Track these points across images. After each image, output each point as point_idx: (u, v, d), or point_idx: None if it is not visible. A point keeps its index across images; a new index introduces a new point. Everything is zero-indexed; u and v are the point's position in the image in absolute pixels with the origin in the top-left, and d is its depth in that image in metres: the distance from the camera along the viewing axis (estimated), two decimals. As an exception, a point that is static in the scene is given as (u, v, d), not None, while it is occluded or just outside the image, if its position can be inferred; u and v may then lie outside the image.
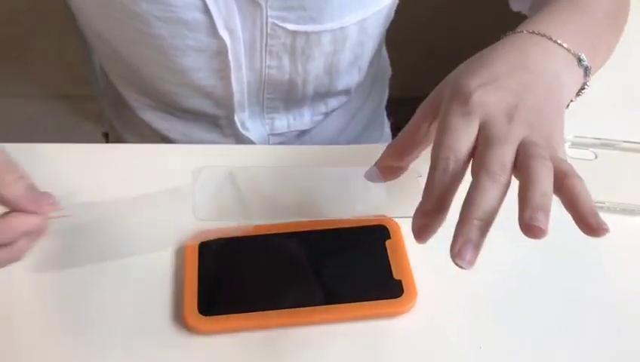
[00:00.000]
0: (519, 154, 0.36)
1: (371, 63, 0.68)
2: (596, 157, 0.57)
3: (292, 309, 0.46)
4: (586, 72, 0.45)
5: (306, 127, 0.68)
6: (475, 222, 0.34)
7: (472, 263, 0.33)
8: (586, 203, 0.34)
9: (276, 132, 0.67)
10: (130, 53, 0.58)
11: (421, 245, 0.38)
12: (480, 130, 0.37)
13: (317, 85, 0.64)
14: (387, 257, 0.49)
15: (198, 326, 0.45)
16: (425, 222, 0.36)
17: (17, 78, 1.59)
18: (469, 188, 0.35)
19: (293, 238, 0.50)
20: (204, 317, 0.45)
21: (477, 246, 0.33)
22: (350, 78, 0.66)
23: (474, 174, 0.36)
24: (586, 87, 0.46)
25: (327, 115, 0.68)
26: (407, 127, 0.44)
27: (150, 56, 0.57)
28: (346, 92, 0.68)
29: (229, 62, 0.57)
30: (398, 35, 0.73)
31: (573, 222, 0.34)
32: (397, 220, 0.51)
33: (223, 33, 0.55)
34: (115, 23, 0.55)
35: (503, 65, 0.41)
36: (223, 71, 0.58)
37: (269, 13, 0.54)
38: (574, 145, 0.57)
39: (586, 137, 0.57)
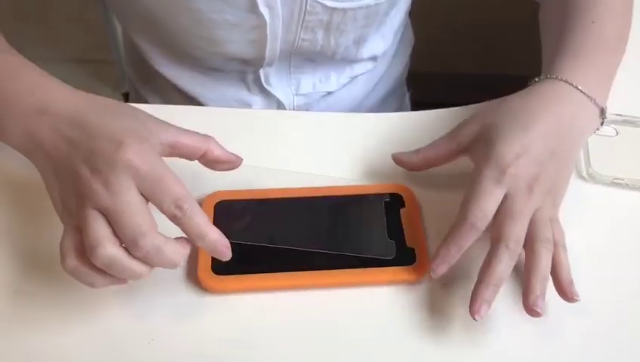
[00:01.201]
0: (529, 232, 0.44)
1: (397, 30, 0.69)
2: (617, 133, 0.56)
3: (304, 272, 0.46)
4: (602, 119, 0.50)
5: (332, 89, 0.68)
6: (491, 286, 0.42)
7: (483, 317, 0.42)
8: (565, 275, 0.44)
9: (302, 92, 0.68)
10: (166, 20, 0.59)
11: (437, 216, 0.48)
12: (504, 199, 0.44)
13: (345, 55, 0.65)
14: (401, 225, 0.49)
15: (211, 285, 0.46)
16: (445, 261, 0.44)
17: (36, 41, 1.59)
18: (489, 254, 0.44)
19: (308, 203, 0.50)
20: (218, 276, 0.46)
21: (490, 304, 0.42)
22: (376, 46, 0.67)
23: (493, 241, 0.44)
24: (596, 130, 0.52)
25: (353, 78, 0.69)
26: (434, 150, 0.50)
27: (186, 25, 0.58)
28: (373, 59, 0.69)
29: (265, 36, 0.58)
30: (420, 11, 0.73)
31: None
32: (413, 189, 0.51)
33: (263, 10, 0.55)
34: None
35: (539, 129, 0.46)
36: (258, 42, 0.59)
37: None
38: (595, 120, 0.56)
39: (607, 113, 0.56)
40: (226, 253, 0.42)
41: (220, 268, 0.46)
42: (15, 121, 0.44)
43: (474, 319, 0.42)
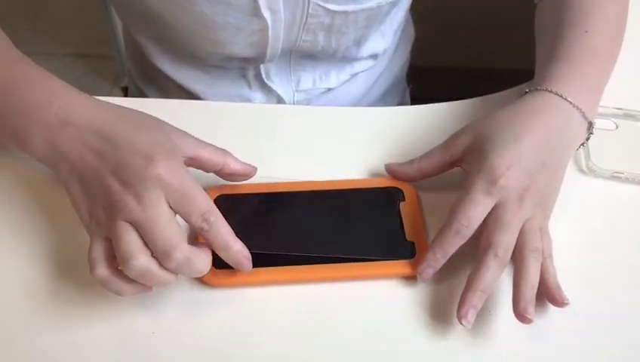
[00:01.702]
0: (519, 241, 0.45)
1: (397, 29, 0.70)
2: (617, 127, 0.56)
3: (304, 266, 0.47)
4: (589, 134, 0.51)
5: (332, 86, 0.69)
6: (479, 292, 0.43)
7: (472, 322, 0.43)
8: (552, 280, 0.45)
9: (302, 88, 0.68)
10: (167, 20, 0.59)
11: (437, 210, 0.48)
12: (494, 208, 0.45)
13: (345, 54, 0.65)
14: (401, 219, 0.49)
15: (212, 279, 0.46)
16: (430, 265, 0.45)
17: (36, 35, 1.59)
18: (477, 262, 0.44)
19: (308, 197, 0.50)
20: (218, 270, 0.46)
21: (477, 310, 0.43)
22: (376, 45, 0.67)
23: (483, 249, 0.44)
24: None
25: (353, 75, 0.69)
26: (428, 161, 0.50)
27: (188, 26, 0.58)
28: (373, 57, 0.69)
29: (267, 38, 0.58)
30: (421, 5, 0.73)
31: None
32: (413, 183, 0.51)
33: (266, 13, 0.56)
34: None
35: (530, 140, 0.46)
36: (259, 43, 0.60)
37: None
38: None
39: (607, 107, 0.56)
40: (246, 265, 0.43)
41: (220, 262, 0.46)
42: (37, 133, 0.45)
43: (461, 324, 0.43)
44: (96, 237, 0.42)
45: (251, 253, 0.44)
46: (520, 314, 0.43)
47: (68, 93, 0.46)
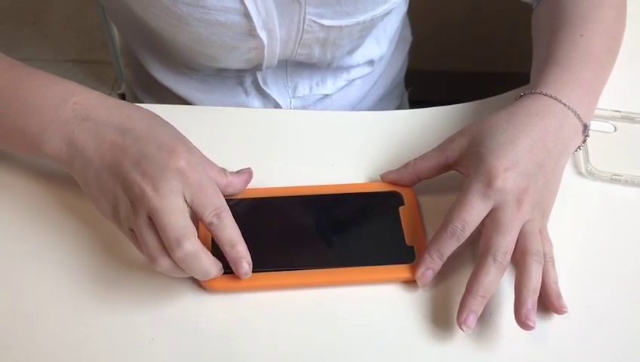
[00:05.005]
0: (520, 244, 0.45)
1: (393, 37, 0.70)
2: (615, 129, 0.56)
3: (304, 270, 0.47)
4: (585, 136, 0.51)
5: (329, 92, 0.69)
6: (478, 297, 0.43)
7: (472, 328, 0.43)
8: (552, 285, 0.45)
9: (298, 95, 0.68)
10: (164, 35, 0.59)
11: (437, 214, 0.47)
12: (492, 211, 0.45)
13: (341, 62, 0.66)
14: (400, 223, 0.49)
15: (213, 283, 0.46)
16: (428, 267, 0.45)
17: (34, 41, 1.59)
18: (477, 266, 0.44)
19: (309, 201, 0.50)
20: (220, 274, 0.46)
21: (477, 315, 0.43)
22: (371, 50, 0.68)
23: (481, 253, 0.44)
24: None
25: (350, 81, 0.70)
26: (424, 163, 0.50)
27: (185, 43, 0.58)
28: (370, 63, 0.69)
29: (263, 55, 0.59)
30: (418, 9, 0.73)
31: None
32: (412, 187, 0.51)
33: (262, 33, 0.56)
34: (154, 17, 0.56)
35: (526, 142, 0.46)
36: (255, 58, 0.60)
37: (307, 10, 0.55)
38: (594, 117, 0.56)
39: (606, 110, 0.56)
40: (245, 268, 0.44)
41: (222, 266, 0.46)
42: (52, 131, 0.45)
43: (461, 329, 0.43)
44: (124, 231, 0.44)
45: (251, 255, 0.44)
46: (522, 322, 0.43)
47: (81, 91, 0.47)
